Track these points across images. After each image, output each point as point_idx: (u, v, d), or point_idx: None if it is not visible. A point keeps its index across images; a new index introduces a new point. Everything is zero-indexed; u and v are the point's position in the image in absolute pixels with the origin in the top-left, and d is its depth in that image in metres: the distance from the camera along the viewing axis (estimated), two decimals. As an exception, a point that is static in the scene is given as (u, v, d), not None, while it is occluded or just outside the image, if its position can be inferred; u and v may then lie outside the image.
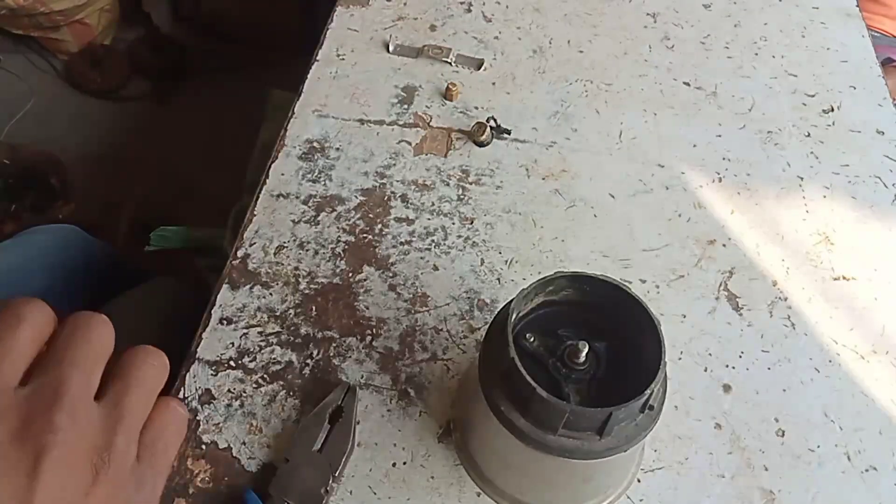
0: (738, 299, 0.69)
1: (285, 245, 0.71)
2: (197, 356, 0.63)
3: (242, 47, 1.89)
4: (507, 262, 0.71)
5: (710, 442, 0.60)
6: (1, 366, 0.29)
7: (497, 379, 0.48)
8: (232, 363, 0.63)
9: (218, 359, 0.63)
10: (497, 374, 0.48)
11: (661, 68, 0.90)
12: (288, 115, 0.81)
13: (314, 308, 0.66)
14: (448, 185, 0.76)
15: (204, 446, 0.58)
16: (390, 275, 0.69)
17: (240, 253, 0.70)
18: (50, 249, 0.81)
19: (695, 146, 0.82)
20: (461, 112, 0.83)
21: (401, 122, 0.82)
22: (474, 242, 0.72)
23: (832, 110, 0.87)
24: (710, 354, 0.66)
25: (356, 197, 0.75)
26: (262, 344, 0.64)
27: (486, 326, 0.53)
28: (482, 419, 0.51)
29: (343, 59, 0.88)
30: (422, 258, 0.70)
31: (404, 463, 0.58)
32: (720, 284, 0.70)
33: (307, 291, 0.67)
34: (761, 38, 0.95)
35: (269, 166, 0.77)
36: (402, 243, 0.71)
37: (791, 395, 0.64)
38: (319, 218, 0.73)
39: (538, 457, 0.48)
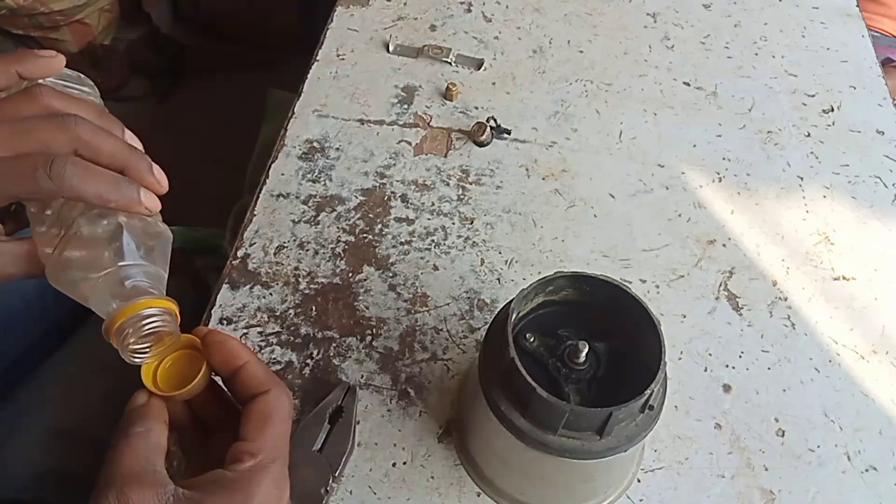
0: (738, 299, 0.69)
1: (285, 245, 0.71)
2: (197, 356, 0.63)
3: (242, 47, 1.89)
4: (507, 262, 0.71)
5: (710, 442, 0.60)
6: None
7: (497, 379, 0.48)
8: (232, 363, 0.63)
9: (218, 359, 0.63)
10: (497, 374, 0.49)
11: (661, 68, 0.90)
12: (288, 115, 0.82)
13: (314, 308, 0.66)
14: (448, 185, 0.76)
15: (204, 446, 0.58)
16: (390, 275, 0.69)
17: (240, 253, 0.70)
18: None
19: (695, 146, 0.82)
20: (461, 112, 0.83)
21: (401, 122, 0.82)
22: (474, 242, 0.72)
23: (832, 110, 0.87)
24: (710, 354, 0.66)
25: (356, 197, 0.75)
26: (262, 344, 0.64)
27: (486, 326, 0.53)
28: (482, 419, 0.51)
29: (343, 59, 0.88)
30: (422, 258, 0.70)
31: (404, 463, 0.58)
32: (720, 284, 0.70)
33: (307, 291, 0.67)
34: (761, 38, 0.95)
35: (269, 166, 0.77)
36: (402, 243, 0.71)
37: (791, 395, 0.64)
38: (319, 218, 0.73)
39: (538, 457, 0.48)
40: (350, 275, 0.69)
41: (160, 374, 0.41)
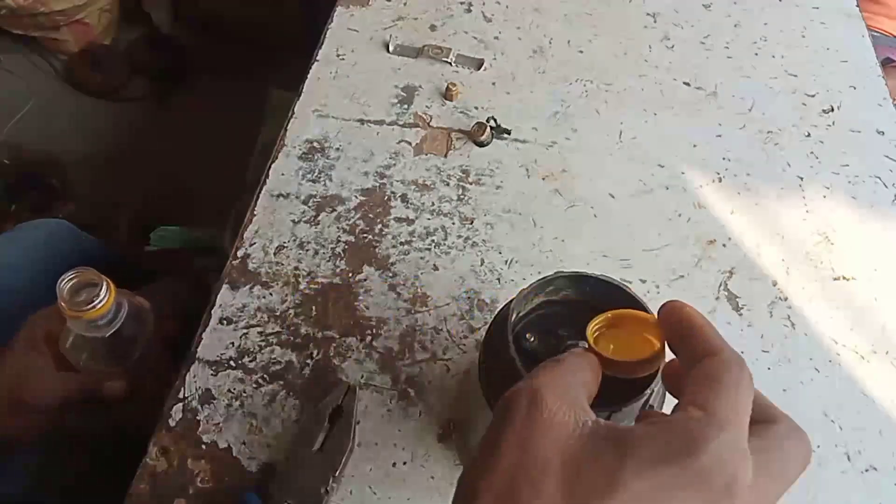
0: (738, 299, 0.69)
1: (285, 245, 0.71)
2: (197, 356, 0.63)
3: (242, 47, 1.89)
4: (507, 262, 0.71)
5: (710, 442, 0.60)
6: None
7: (497, 379, 0.48)
8: (232, 363, 0.63)
9: (218, 359, 0.63)
10: (497, 374, 0.48)
11: (661, 68, 0.90)
12: (288, 115, 0.82)
13: (314, 308, 0.66)
14: (448, 185, 0.76)
15: (204, 446, 0.58)
16: (390, 275, 0.69)
17: (240, 253, 0.70)
18: (35, 244, 0.81)
19: (695, 146, 0.82)
20: (461, 112, 0.83)
21: (401, 122, 0.82)
22: (474, 242, 0.72)
23: (832, 110, 0.87)
24: (710, 354, 0.65)
25: (356, 197, 0.75)
26: (262, 344, 0.64)
27: (486, 326, 0.53)
28: (482, 419, 0.51)
29: (343, 59, 0.88)
30: (422, 258, 0.70)
31: (404, 463, 0.58)
32: (720, 284, 0.70)
33: (307, 291, 0.67)
34: (761, 38, 0.95)
35: (269, 166, 0.77)
36: (402, 243, 0.71)
37: (791, 395, 0.64)
38: (319, 218, 0.73)
39: (538, 457, 0.48)
40: (350, 275, 0.69)
41: (600, 340, 0.41)
